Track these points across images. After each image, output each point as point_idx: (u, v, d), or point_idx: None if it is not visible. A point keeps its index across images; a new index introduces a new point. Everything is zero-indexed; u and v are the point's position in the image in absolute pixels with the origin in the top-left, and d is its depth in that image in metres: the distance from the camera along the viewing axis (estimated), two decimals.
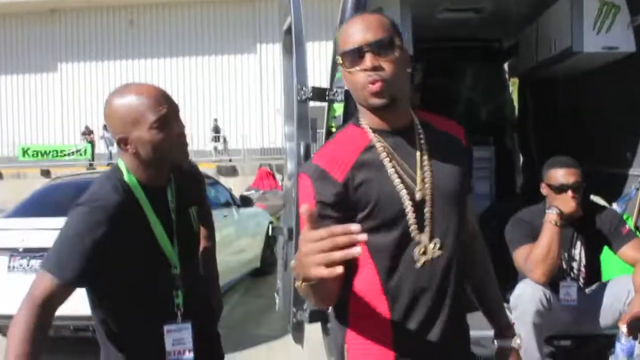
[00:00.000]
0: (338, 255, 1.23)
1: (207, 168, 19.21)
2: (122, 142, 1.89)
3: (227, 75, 27.71)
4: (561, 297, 3.31)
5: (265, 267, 8.67)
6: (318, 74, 14.93)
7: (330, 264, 1.24)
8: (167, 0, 27.98)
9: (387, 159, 1.67)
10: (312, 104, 3.28)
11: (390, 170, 1.65)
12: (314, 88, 3.21)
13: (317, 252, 1.26)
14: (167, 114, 1.87)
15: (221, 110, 26.93)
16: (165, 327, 1.97)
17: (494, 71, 6.51)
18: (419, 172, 1.68)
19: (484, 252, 1.98)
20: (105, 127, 24.82)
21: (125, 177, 1.93)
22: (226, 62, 27.83)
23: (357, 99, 1.70)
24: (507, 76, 6.76)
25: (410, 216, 1.65)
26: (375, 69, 1.59)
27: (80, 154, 26.11)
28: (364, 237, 1.24)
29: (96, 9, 28.51)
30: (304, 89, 3.17)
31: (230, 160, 23.20)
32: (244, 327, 6.51)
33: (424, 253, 1.66)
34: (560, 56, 4.63)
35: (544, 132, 5.97)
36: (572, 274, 3.44)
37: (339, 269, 1.23)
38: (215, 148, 25.52)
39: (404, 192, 1.64)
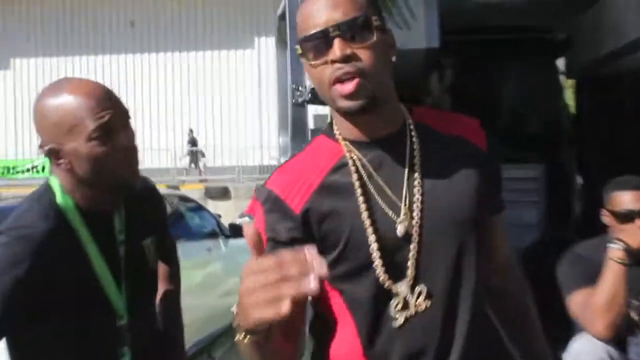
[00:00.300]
0: (287, 289, 1.02)
1: (190, 189, 19.11)
2: (54, 155, 1.77)
3: (217, 76, 27.68)
4: (631, 357, 3.15)
5: None
6: None
7: (276, 303, 1.03)
8: None
9: (358, 182, 1.53)
10: (314, 110, 3.16)
11: (360, 199, 1.51)
12: (313, 89, 3.10)
13: (261, 287, 1.06)
14: (111, 120, 1.74)
15: (210, 118, 26.82)
16: None
17: (544, 69, 6.32)
18: (403, 197, 1.53)
19: (523, 290, 1.85)
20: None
21: (59, 198, 1.81)
22: (216, 60, 27.82)
23: (328, 104, 1.57)
24: (560, 76, 6.58)
25: (378, 262, 1.50)
26: (346, 59, 1.44)
27: (37, 171, 26.03)
28: (323, 268, 1.03)
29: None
30: (300, 89, 3.06)
31: (204, 180, 22.97)
32: None
33: (404, 308, 1.51)
34: (626, 49, 4.47)
35: (607, 146, 5.80)
36: None
37: (285, 307, 1.02)
38: (193, 165, 25.46)
39: (370, 230, 1.49)
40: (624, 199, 3.12)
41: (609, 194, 3.22)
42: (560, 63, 6.55)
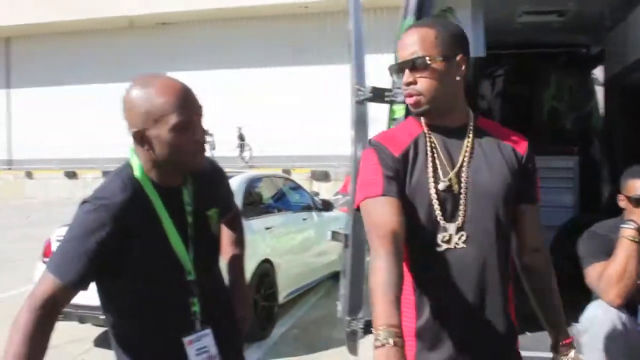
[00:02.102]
0: None
1: (300, 173, 19.25)
2: (138, 137, 1.70)
3: (327, 84, 27.64)
4: None
5: None
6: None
7: None
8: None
9: (430, 149, 1.73)
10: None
11: (429, 160, 1.72)
12: (373, 88, 2.96)
13: None
14: (191, 119, 1.69)
15: (314, 113, 26.75)
16: (185, 340, 1.78)
17: (579, 78, 6.05)
18: (456, 167, 1.72)
19: (545, 264, 1.90)
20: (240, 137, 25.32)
21: (137, 173, 1.75)
22: (318, 72, 27.73)
23: None
24: (593, 84, 6.28)
25: (435, 203, 1.69)
26: (409, 84, 1.70)
27: None
28: None
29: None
30: (361, 89, 2.93)
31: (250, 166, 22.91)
32: (319, 329, 6.32)
33: (447, 241, 1.69)
34: None
35: (632, 142, 5.49)
36: None
37: None
38: (242, 157, 25.67)
39: (431, 181, 1.70)
40: (637, 186, 2.89)
41: (624, 181, 3.00)
42: (594, 72, 6.29)
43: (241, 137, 26.76)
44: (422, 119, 1.78)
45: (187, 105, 1.69)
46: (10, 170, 30.23)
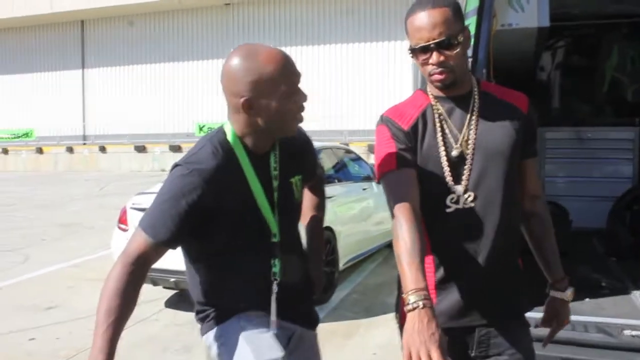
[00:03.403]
0: None
1: (357, 146, 19.18)
2: (246, 105, 1.69)
3: (383, 60, 27.32)
4: None
5: None
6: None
7: None
8: None
9: (438, 119, 1.80)
10: None
11: (438, 129, 1.78)
12: None
13: None
14: (297, 85, 1.72)
15: (379, 90, 26.49)
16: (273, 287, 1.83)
17: None
18: (464, 132, 1.78)
19: (544, 211, 1.96)
20: None
21: (230, 139, 1.76)
22: (380, 48, 27.40)
23: (425, 77, 1.82)
24: None
25: (446, 168, 1.76)
26: (440, 64, 1.71)
27: None
28: None
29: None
30: None
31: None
32: (377, 294, 6.36)
33: (456, 202, 1.76)
34: None
35: None
36: None
37: None
38: None
39: (442, 149, 1.77)
40: None
41: None
42: None
43: None
44: (430, 91, 1.83)
45: (292, 72, 1.70)
46: (85, 145, 31.14)
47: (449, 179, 1.76)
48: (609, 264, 4.42)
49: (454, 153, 1.77)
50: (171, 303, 5.94)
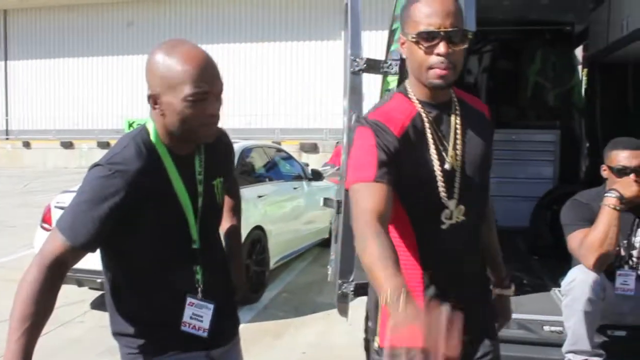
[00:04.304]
0: None
1: (289, 145, 19.16)
2: (153, 100, 1.62)
3: (315, 60, 27.36)
4: (617, 286, 2.93)
5: None
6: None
7: None
8: None
9: (429, 129, 1.67)
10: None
11: (430, 141, 1.66)
12: (367, 59, 2.91)
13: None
14: (207, 92, 1.59)
15: (311, 89, 26.52)
16: (188, 299, 1.74)
17: (563, 56, 6.03)
18: (451, 144, 1.69)
19: (491, 214, 1.99)
20: None
21: (153, 138, 1.68)
22: (309, 48, 27.43)
23: (415, 74, 1.68)
24: (576, 62, 6.28)
25: (440, 184, 1.66)
26: (447, 55, 1.57)
27: None
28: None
29: None
30: (357, 60, 2.88)
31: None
32: (307, 293, 6.35)
33: (450, 217, 1.68)
34: (632, 36, 4.14)
35: (611, 117, 5.50)
36: (630, 262, 3.02)
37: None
38: None
39: (436, 162, 1.66)
40: (620, 156, 2.89)
41: (607, 153, 2.98)
42: (578, 51, 6.28)
43: None
44: (413, 97, 1.69)
45: (204, 77, 1.58)
46: (8, 140, 29.93)
47: (443, 194, 1.65)
48: (531, 263, 4.56)
49: (447, 167, 1.66)
50: (97, 305, 5.76)
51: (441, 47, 1.56)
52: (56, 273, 1.54)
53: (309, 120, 25.42)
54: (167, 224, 1.68)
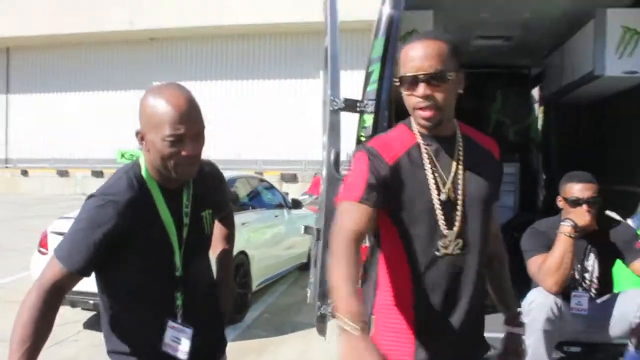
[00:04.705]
0: None
1: (271, 175, 19.18)
2: (140, 137, 1.66)
3: (295, 96, 27.52)
4: (572, 306, 2.96)
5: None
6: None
7: None
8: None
9: (428, 160, 1.63)
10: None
11: (428, 171, 1.62)
12: (345, 99, 2.95)
13: None
14: (183, 134, 1.60)
15: (291, 123, 26.62)
16: (169, 322, 1.74)
17: (522, 95, 6.16)
18: (451, 177, 1.63)
19: (503, 250, 1.90)
20: None
21: (143, 173, 1.70)
22: (290, 85, 27.59)
23: (411, 113, 1.67)
24: (533, 101, 6.41)
25: (439, 212, 1.60)
26: (426, 97, 1.56)
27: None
28: None
29: None
30: (336, 100, 2.92)
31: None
32: (287, 314, 6.29)
33: (446, 247, 1.61)
34: (582, 80, 4.27)
35: (565, 152, 5.62)
36: (584, 284, 3.06)
37: None
38: None
39: (434, 191, 1.61)
40: (574, 189, 2.94)
41: (562, 185, 3.04)
42: (535, 91, 6.41)
43: None
44: (415, 128, 1.66)
45: (183, 120, 1.60)
46: (7, 168, 29.58)
47: (441, 222, 1.60)
48: None
49: (442, 197, 1.60)
50: (90, 324, 5.66)
51: (419, 89, 1.55)
52: (54, 297, 1.56)
53: (289, 152, 25.45)
54: (153, 252, 1.69)
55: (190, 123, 1.62)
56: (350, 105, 3.00)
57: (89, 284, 1.73)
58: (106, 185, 1.69)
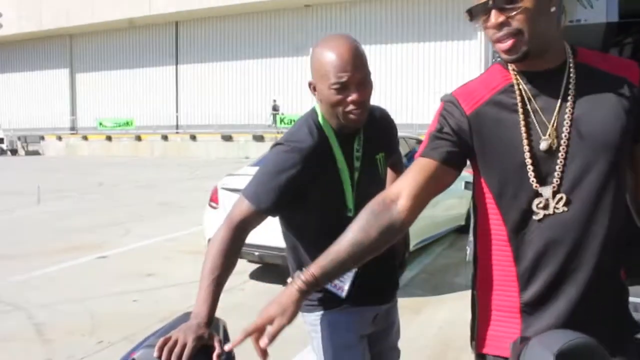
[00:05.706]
0: None
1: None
2: (311, 87, 1.79)
3: (452, 59, 26.81)
4: None
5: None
6: None
7: None
8: None
9: (521, 103, 1.35)
10: None
11: (520, 117, 1.34)
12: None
13: None
14: (348, 81, 1.68)
15: (443, 89, 26.13)
16: None
17: None
18: (553, 120, 1.33)
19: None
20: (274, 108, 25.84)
21: (320, 120, 1.81)
22: (449, 47, 26.86)
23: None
24: None
25: (530, 167, 1.32)
26: (500, 25, 1.28)
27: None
28: None
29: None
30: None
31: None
32: (443, 275, 6.31)
33: (545, 207, 1.32)
34: None
35: None
36: None
37: None
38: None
39: (525, 142, 1.32)
40: None
41: None
42: None
43: (274, 108, 28.47)
44: (510, 66, 1.39)
45: (346, 67, 1.68)
46: (178, 133, 32.04)
47: (532, 179, 1.32)
48: None
49: (542, 146, 1.32)
50: (254, 275, 6.06)
51: (491, 18, 1.32)
52: (241, 233, 1.69)
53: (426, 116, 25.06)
54: (329, 193, 1.79)
55: (354, 70, 1.68)
56: None
57: (254, 236, 1.85)
58: (289, 133, 1.82)
